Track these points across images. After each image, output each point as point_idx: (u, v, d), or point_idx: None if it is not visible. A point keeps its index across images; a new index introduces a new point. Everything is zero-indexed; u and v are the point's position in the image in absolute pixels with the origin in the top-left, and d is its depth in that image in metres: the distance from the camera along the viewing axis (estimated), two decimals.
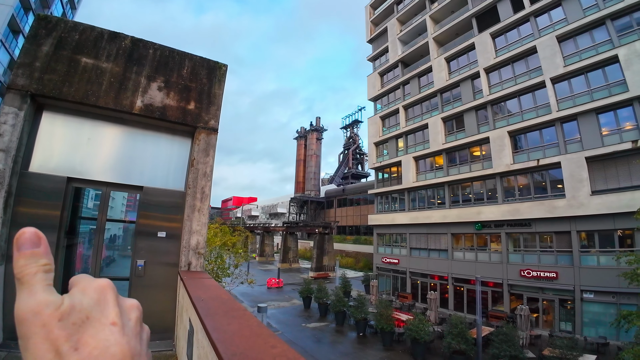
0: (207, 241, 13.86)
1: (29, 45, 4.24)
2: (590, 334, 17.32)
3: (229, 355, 1.50)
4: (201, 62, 5.15)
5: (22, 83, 4.12)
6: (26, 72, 4.16)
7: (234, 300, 2.69)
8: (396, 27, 34.81)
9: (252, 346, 1.68)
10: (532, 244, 21.12)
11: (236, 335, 1.89)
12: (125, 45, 4.65)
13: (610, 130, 18.38)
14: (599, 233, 18.10)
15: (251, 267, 38.63)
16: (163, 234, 4.79)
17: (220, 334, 1.83)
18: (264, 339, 1.76)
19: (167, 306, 4.69)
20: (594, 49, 19.37)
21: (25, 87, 4.12)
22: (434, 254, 27.06)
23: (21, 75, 4.13)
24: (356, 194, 56.55)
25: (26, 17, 27.98)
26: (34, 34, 4.28)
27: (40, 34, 4.29)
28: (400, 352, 16.27)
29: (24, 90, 4.11)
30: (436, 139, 28.03)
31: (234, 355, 1.50)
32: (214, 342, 1.68)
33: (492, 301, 22.70)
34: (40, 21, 4.36)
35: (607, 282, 17.09)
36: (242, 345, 1.68)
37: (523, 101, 22.74)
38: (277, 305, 25.43)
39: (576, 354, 12.10)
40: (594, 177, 18.42)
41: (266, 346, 1.65)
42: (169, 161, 5.06)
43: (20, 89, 4.11)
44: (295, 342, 17.05)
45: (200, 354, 2.36)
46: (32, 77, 4.16)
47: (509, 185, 23.13)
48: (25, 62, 4.18)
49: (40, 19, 4.37)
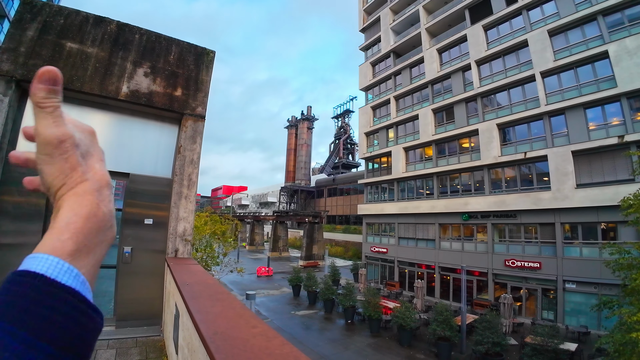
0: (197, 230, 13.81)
1: (14, 30, 4.15)
2: (571, 323, 17.87)
3: (210, 334, 1.56)
4: (188, 48, 5.10)
5: (6, 68, 4.04)
6: (11, 57, 4.07)
7: (218, 285, 2.75)
8: (389, 17, 34.58)
9: (234, 326, 1.74)
10: (517, 234, 21.59)
11: (219, 316, 1.95)
12: (110, 30, 4.57)
13: (597, 125, 18.70)
14: (582, 225, 18.57)
15: (241, 255, 38.73)
16: (150, 221, 4.79)
17: (203, 315, 1.89)
18: (245, 320, 1.82)
19: (155, 293, 4.73)
20: (585, 44, 19.55)
21: (10, 72, 4.04)
22: (422, 243, 27.48)
23: (6, 61, 4.05)
24: (346, 184, 56.73)
25: (12, 1, 26.94)
26: (19, 18, 4.19)
27: (25, 19, 4.20)
28: (387, 339, 16.63)
29: (8, 76, 4.03)
30: (426, 130, 28.21)
31: (215, 334, 1.56)
32: (197, 323, 1.74)
33: (477, 290, 23.25)
34: (25, 5, 4.25)
35: (589, 273, 17.62)
36: (223, 326, 1.74)
37: (512, 94, 22.95)
38: (267, 293, 25.64)
39: (557, 342, 12.48)
40: (580, 170, 18.81)
41: (247, 326, 1.71)
42: (156, 148, 5.03)
43: (5, 74, 4.02)
44: (284, 329, 17.28)
45: (185, 336, 2.42)
46: (16, 62, 4.08)
47: (496, 177, 23.50)
48: (10, 47, 4.09)
49: (25, 3, 4.26)
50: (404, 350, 15.27)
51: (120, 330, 4.38)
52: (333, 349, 15.24)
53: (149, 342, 4.13)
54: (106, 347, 3.85)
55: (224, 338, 1.53)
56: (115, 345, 3.95)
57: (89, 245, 0.40)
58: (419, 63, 30.53)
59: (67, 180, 0.42)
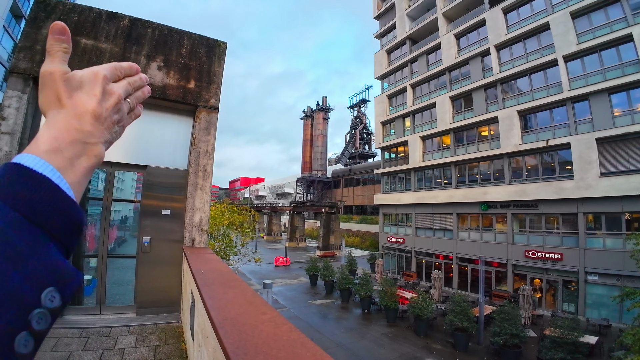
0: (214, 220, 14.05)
1: (29, 28, 4.27)
2: (593, 316, 17.48)
3: (220, 320, 1.60)
4: (200, 40, 5.13)
5: (24, 66, 4.17)
6: (27, 55, 4.21)
7: (232, 273, 2.81)
8: (404, 2, 33.78)
9: (244, 312, 1.78)
10: (538, 225, 21.08)
11: (230, 303, 2.00)
12: (123, 25, 4.64)
13: (623, 111, 17.92)
14: (606, 215, 17.96)
15: (259, 245, 39.36)
16: (167, 211, 4.92)
17: (215, 302, 1.94)
18: (256, 307, 1.86)
19: (173, 281, 4.87)
20: (608, 27, 18.65)
21: (28, 70, 4.18)
22: (439, 233, 27.21)
23: (22, 59, 4.18)
24: (363, 174, 56.49)
25: (28, 1, 27.70)
26: (34, 17, 4.31)
27: (39, 17, 4.31)
28: (404, 329, 16.67)
29: (26, 74, 4.17)
30: (444, 118, 27.66)
31: (225, 320, 1.60)
32: (208, 309, 1.79)
33: (496, 281, 22.93)
34: (39, 4, 4.37)
35: (612, 265, 17.11)
36: (234, 312, 1.79)
37: (534, 80, 22.18)
38: (285, 282, 26.03)
39: (577, 334, 12.22)
40: (604, 158, 18.12)
41: (257, 313, 1.75)
42: (172, 140, 5.13)
43: (23, 72, 4.17)
44: (302, 318, 17.56)
45: (200, 322, 2.49)
46: (33, 60, 4.21)
47: (516, 166, 22.89)
48: (26, 45, 4.22)
49: (39, 2, 4.38)
50: (421, 340, 15.28)
51: (140, 317, 4.54)
52: (349, 337, 15.39)
53: (168, 329, 4.27)
54: (127, 333, 4.01)
55: (233, 324, 1.57)
56: (136, 331, 4.10)
57: (63, 152, 0.47)
58: (436, 49, 29.81)
59: (51, 105, 0.50)
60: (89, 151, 0.50)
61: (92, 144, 0.51)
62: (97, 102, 0.53)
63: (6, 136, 4.04)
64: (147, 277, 4.76)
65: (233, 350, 1.25)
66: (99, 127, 0.52)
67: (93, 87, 0.53)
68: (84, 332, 3.92)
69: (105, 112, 0.54)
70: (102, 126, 0.53)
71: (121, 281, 5.32)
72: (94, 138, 0.51)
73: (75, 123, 0.50)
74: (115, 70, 0.58)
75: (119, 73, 0.59)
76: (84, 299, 4.80)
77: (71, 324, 4.12)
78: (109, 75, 0.56)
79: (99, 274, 4.63)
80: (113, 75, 0.57)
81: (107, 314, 4.55)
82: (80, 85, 0.52)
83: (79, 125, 0.50)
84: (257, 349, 1.27)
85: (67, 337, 3.72)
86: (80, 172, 0.48)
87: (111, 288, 4.78)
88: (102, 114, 0.53)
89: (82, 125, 0.50)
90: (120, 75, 0.59)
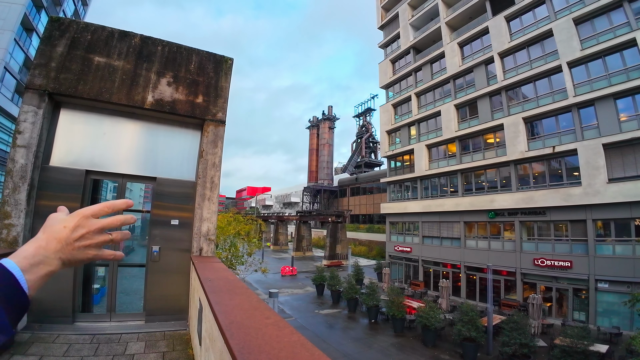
0: (220, 230, 14.17)
1: (44, 46, 4.49)
2: (603, 324, 17.15)
3: (227, 323, 1.71)
4: (208, 57, 5.33)
5: (39, 83, 4.39)
6: (42, 72, 4.42)
7: (238, 280, 2.92)
8: (407, 12, 34.19)
9: (249, 317, 1.90)
10: (546, 232, 20.87)
11: (236, 308, 2.12)
12: (134, 43, 4.86)
13: (629, 116, 17.85)
14: (615, 222, 17.75)
15: (265, 255, 39.36)
16: (176, 221, 5.06)
17: (222, 307, 2.06)
18: (260, 312, 1.97)
19: (182, 289, 4.98)
20: (612, 32, 18.71)
21: (43, 86, 4.39)
22: (447, 242, 27.02)
23: (38, 76, 4.40)
24: (369, 183, 56.44)
25: (39, 15, 28.38)
26: (48, 35, 4.53)
27: (54, 36, 4.54)
28: (411, 339, 16.51)
29: (41, 90, 4.38)
30: (449, 126, 27.71)
31: (231, 323, 1.71)
32: (216, 313, 1.91)
33: (505, 290, 22.64)
34: (53, 23, 4.60)
35: (623, 272, 16.86)
36: (239, 316, 1.90)
37: (539, 86, 22.21)
38: (291, 292, 25.98)
39: (587, 343, 12.03)
40: (611, 164, 17.99)
41: (261, 317, 1.87)
42: (180, 153, 5.29)
43: (38, 88, 4.38)
44: (308, 328, 17.49)
45: (207, 327, 2.60)
46: (48, 76, 4.42)
47: (523, 173, 22.79)
48: (42, 62, 4.44)
49: (53, 21, 4.61)
50: (428, 350, 15.12)
51: (149, 324, 4.65)
52: (356, 347, 15.29)
53: (176, 336, 4.37)
54: (136, 340, 4.12)
55: (239, 327, 1.68)
56: (145, 338, 4.21)
57: (29, 260, 0.70)
58: (440, 58, 30.02)
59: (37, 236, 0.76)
60: (47, 263, 0.73)
61: (50, 259, 0.73)
62: (67, 232, 0.76)
63: (22, 149, 4.24)
64: (156, 285, 4.88)
65: (238, 350, 1.36)
66: (62, 248, 0.75)
67: (70, 221, 0.77)
68: (94, 338, 4.04)
69: (71, 239, 0.76)
70: (66, 248, 0.75)
71: (129, 290, 5.47)
72: (53, 255, 0.74)
73: (43, 243, 0.73)
74: (104, 208, 0.82)
75: (108, 210, 0.82)
76: (93, 307, 4.94)
77: (82, 330, 4.25)
78: (92, 214, 0.79)
79: (110, 282, 4.77)
80: (99, 214, 0.81)
81: (117, 321, 4.67)
82: (61, 221, 0.77)
83: (45, 245, 0.73)
84: (260, 349, 1.37)
85: (78, 343, 3.84)
86: (38, 275, 0.70)
87: (120, 296, 4.91)
88: (66, 241, 0.75)
89: (47, 245, 0.73)
90: (108, 212, 0.83)
